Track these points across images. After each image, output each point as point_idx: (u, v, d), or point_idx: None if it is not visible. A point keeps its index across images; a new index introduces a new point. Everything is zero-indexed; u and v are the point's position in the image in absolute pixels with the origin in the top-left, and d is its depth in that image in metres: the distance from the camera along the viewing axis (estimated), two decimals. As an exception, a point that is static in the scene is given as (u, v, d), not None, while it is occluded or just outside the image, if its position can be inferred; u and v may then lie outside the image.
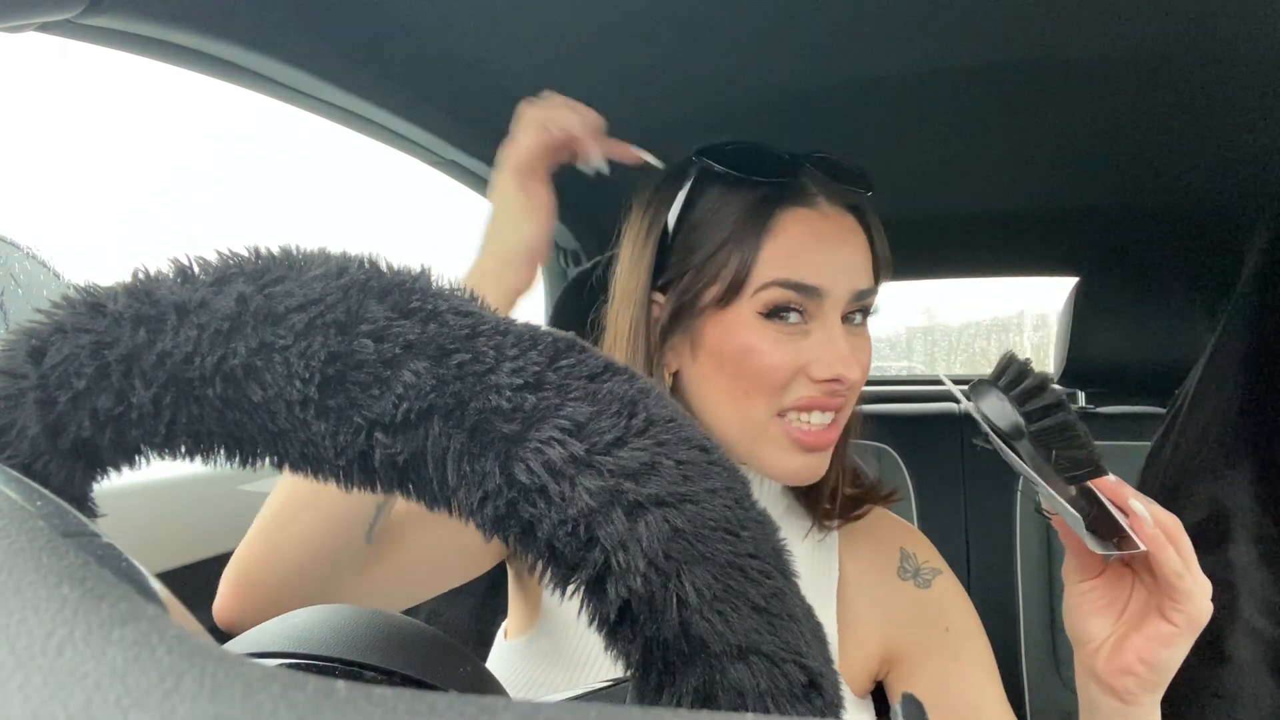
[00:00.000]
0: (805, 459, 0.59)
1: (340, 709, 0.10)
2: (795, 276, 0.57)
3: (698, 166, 0.62)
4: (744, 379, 0.58)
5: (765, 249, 0.58)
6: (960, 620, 0.66)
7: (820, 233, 0.59)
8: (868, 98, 0.86)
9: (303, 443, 0.21)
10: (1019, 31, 0.71)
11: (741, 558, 0.20)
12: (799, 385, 0.58)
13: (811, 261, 0.58)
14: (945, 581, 0.68)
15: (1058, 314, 1.29)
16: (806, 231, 0.59)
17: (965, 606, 0.67)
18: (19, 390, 0.21)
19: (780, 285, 0.57)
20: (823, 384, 0.57)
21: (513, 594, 0.70)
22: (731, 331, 0.58)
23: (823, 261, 0.58)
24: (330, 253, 0.23)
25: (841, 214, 0.61)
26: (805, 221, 0.59)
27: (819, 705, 0.20)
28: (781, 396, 0.58)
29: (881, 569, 0.67)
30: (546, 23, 0.71)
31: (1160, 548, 0.47)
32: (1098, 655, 0.51)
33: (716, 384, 0.60)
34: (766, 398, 0.58)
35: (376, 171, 1.55)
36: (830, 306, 0.58)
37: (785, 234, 0.58)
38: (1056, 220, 1.25)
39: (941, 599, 0.66)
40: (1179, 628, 0.48)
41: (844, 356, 0.57)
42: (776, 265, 0.58)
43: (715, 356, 0.59)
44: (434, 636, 0.28)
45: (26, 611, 0.12)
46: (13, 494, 0.16)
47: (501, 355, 0.21)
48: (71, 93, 2.10)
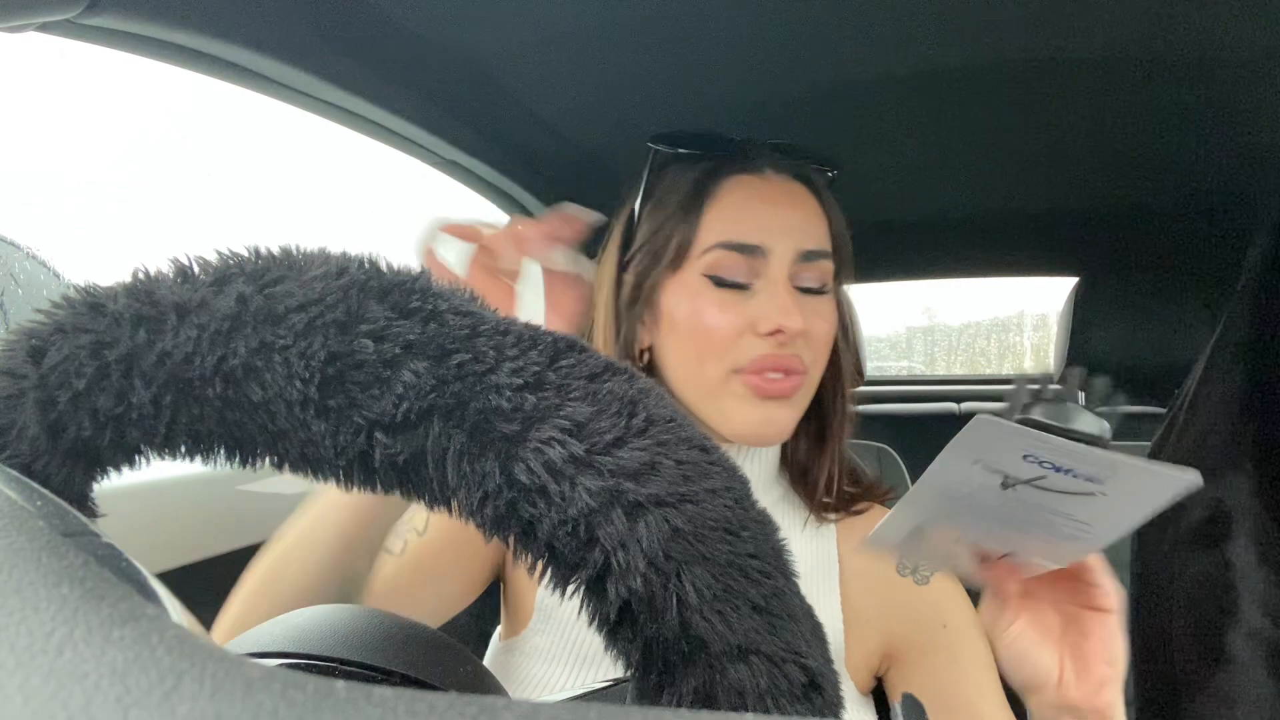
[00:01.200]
0: (765, 410, 0.60)
1: (340, 709, 0.10)
2: (736, 237, 0.60)
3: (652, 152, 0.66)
4: (696, 341, 0.61)
5: (708, 214, 0.61)
6: (958, 618, 0.66)
7: (762, 195, 0.62)
8: (868, 97, 0.86)
9: (303, 443, 0.21)
10: (1019, 31, 0.71)
11: (741, 558, 0.20)
12: (748, 344, 0.60)
13: (752, 222, 0.61)
14: (943, 580, 0.68)
15: (1058, 314, 1.29)
16: (748, 194, 0.62)
17: (964, 605, 0.67)
18: (19, 390, 0.21)
19: (722, 247, 0.60)
20: (769, 338, 0.59)
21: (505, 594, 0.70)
22: (682, 296, 0.61)
23: (764, 221, 0.61)
24: (330, 253, 0.23)
25: (787, 180, 0.64)
26: (747, 186, 0.62)
27: (819, 705, 0.20)
28: (734, 355, 0.60)
29: (881, 565, 0.68)
30: (547, 23, 0.71)
31: None
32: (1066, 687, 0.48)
33: (676, 350, 0.62)
34: (718, 357, 0.60)
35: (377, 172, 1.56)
36: (775, 265, 0.60)
37: (728, 198, 0.62)
38: (1056, 220, 1.25)
39: (940, 596, 0.66)
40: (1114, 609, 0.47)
41: (785, 307, 0.59)
42: (719, 229, 0.61)
43: (671, 323, 0.62)
44: (434, 636, 0.28)
45: (26, 611, 0.12)
46: (13, 494, 0.16)
47: (501, 355, 0.21)
48: (72, 93, 2.11)
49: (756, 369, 0.59)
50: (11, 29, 0.46)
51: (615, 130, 0.95)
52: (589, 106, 0.89)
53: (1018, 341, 3.80)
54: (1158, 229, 1.22)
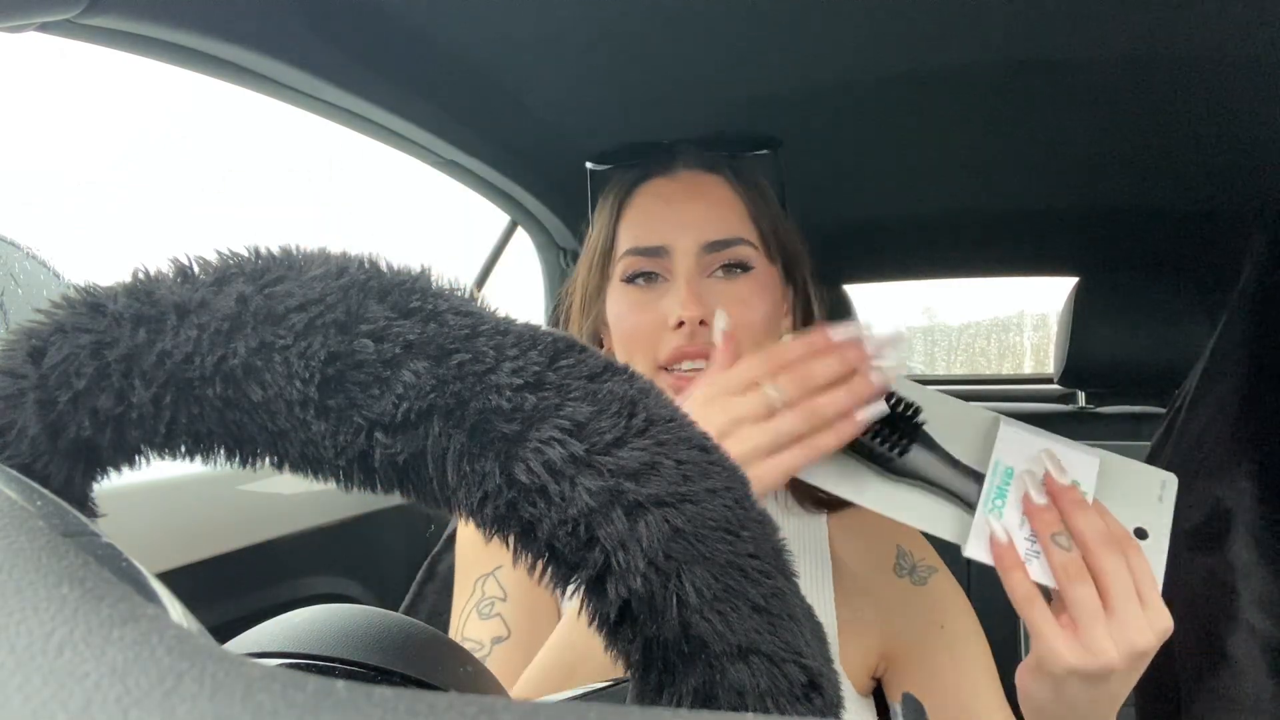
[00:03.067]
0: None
1: (340, 709, 0.10)
2: (640, 241, 0.65)
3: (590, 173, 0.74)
4: (625, 343, 0.65)
5: (622, 223, 0.67)
6: (956, 618, 0.66)
7: (665, 196, 0.66)
8: (868, 97, 0.86)
9: (303, 443, 0.21)
10: (1019, 31, 0.71)
11: (741, 558, 0.20)
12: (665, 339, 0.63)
13: (654, 223, 0.65)
14: (941, 580, 0.68)
15: (1058, 314, 1.29)
16: (653, 198, 0.67)
17: (961, 605, 0.67)
18: (19, 390, 0.21)
19: (630, 253, 0.65)
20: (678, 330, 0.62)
21: None
22: (612, 302, 0.66)
23: (665, 221, 0.65)
24: (330, 253, 0.23)
25: (697, 174, 0.68)
26: (655, 189, 0.67)
27: (819, 705, 0.20)
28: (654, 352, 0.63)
29: (879, 565, 0.68)
30: (547, 22, 0.71)
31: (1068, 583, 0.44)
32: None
33: (619, 354, 0.66)
34: (643, 355, 0.64)
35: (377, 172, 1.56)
36: (679, 260, 0.64)
37: (636, 204, 0.67)
38: (1056, 220, 1.25)
39: (938, 597, 0.66)
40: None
41: (683, 300, 0.61)
42: (628, 236, 0.66)
43: (608, 328, 0.68)
44: (434, 636, 0.28)
45: (26, 611, 0.12)
46: (13, 494, 0.16)
47: (501, 355, 0.21)
48: (72, 93, 2.11)
49: (670, 361, 0.62)
50: (11, 29, 0.46)
51: (616, 130, 0.95)
52: (589, 106, 0.89)
53: (1018, 341, 3.80)
54: (1158, 229, 1.22)
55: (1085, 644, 0.43)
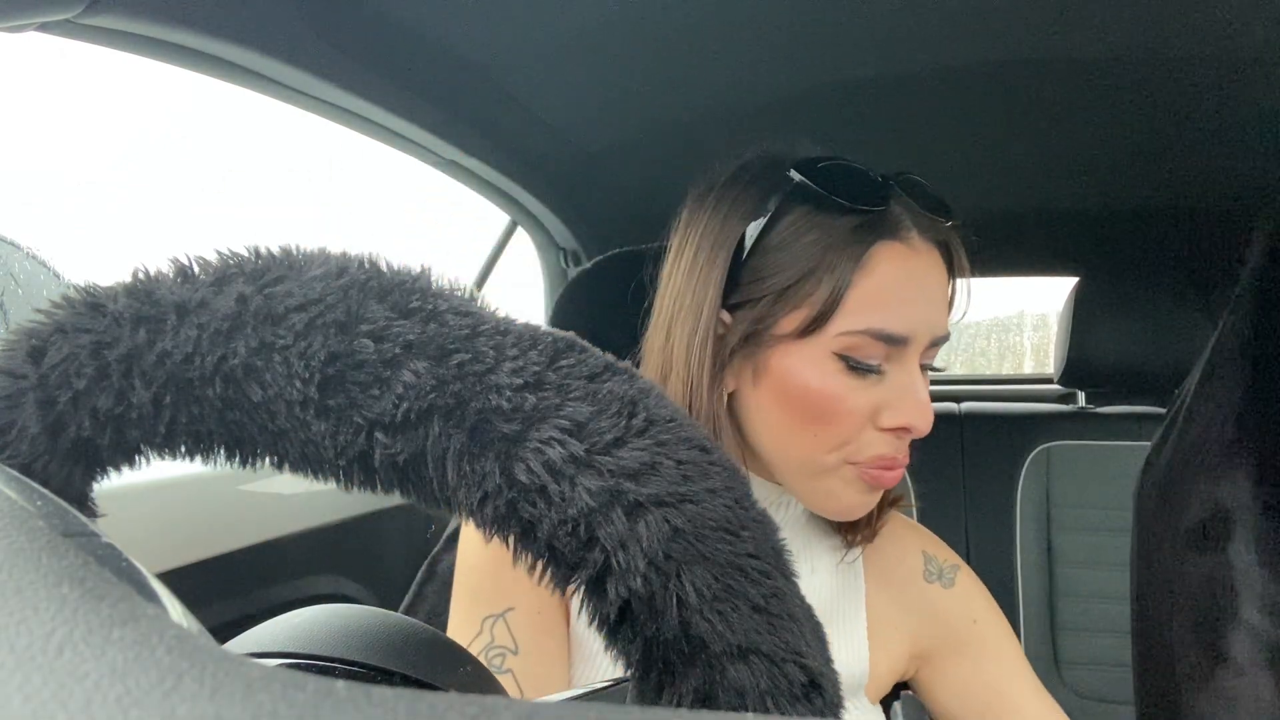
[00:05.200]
0: (868, 497, 0.57)
1: (340, 709, 0.10)
2: (885, 326, 0.53)
3: (788, 180, 0.57)
4: (812, 421, 0.54)
5: (856, 286, 0.54)
6: (984, 610, 0.67)
7: (912, 274, 0.55)
8: (868, 97, 0.86)
9: (303, 443, 0.21)
10: (1019, 31, 0.71)
11: (741, 558, 0.20)
12: (869, 439, 0.55)
13: (903, 309, 0.54)
14: (965, 577, 0.69)
15: (1058, 314, 1.29)
16: (899, 273, 0.54)
17: (986, 596, 0.68)
18: (19, 390, 0.21)
19: (869, 335, 0.53)
20: (891, 432, 0.54)
21: None
22: (802, 367, 0.54)
23: (913, 309, 0.54)
24: (330, 253, 0.23)
25: (931, 249, 0.57)
26: (899, 259, 0.55)
27: (819, 705, 0.20)
28: (851, 448, 0.55)
29: (908, 575, 0.68)
30: (547, 23, 0.71)
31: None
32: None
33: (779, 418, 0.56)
34: (833, 447, 0.55)
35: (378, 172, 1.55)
36: (911, 353, 0.55)
37: (878, 272, 0.54)
38: (1056, 220, 1.25)
39: (966, 594, 0.67)
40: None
41: (921, 405, 0.54)
42: (867, 309, 0.53)
43: (780, 389, 0.55)
44: (434, 636, 0.28)
45: (26, 611, 0.12)
46: (13, 494, 0.16)
47: (501, 355, 0.21)
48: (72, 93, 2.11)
49: (868, 465, 0.55)
50: (11, 29, 0.46)
51: (615, 130, 0.95)
52: (589, 106, 0.89)
53: (1018, 341, 3.80)
54: (1158, 229, 1.22)
55: None
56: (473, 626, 0.58)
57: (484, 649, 0.57)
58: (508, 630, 0.57)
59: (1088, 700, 1.15)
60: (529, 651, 0.57)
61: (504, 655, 0.56)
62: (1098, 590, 1.17)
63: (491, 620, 0.58)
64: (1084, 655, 1.17)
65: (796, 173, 0.56)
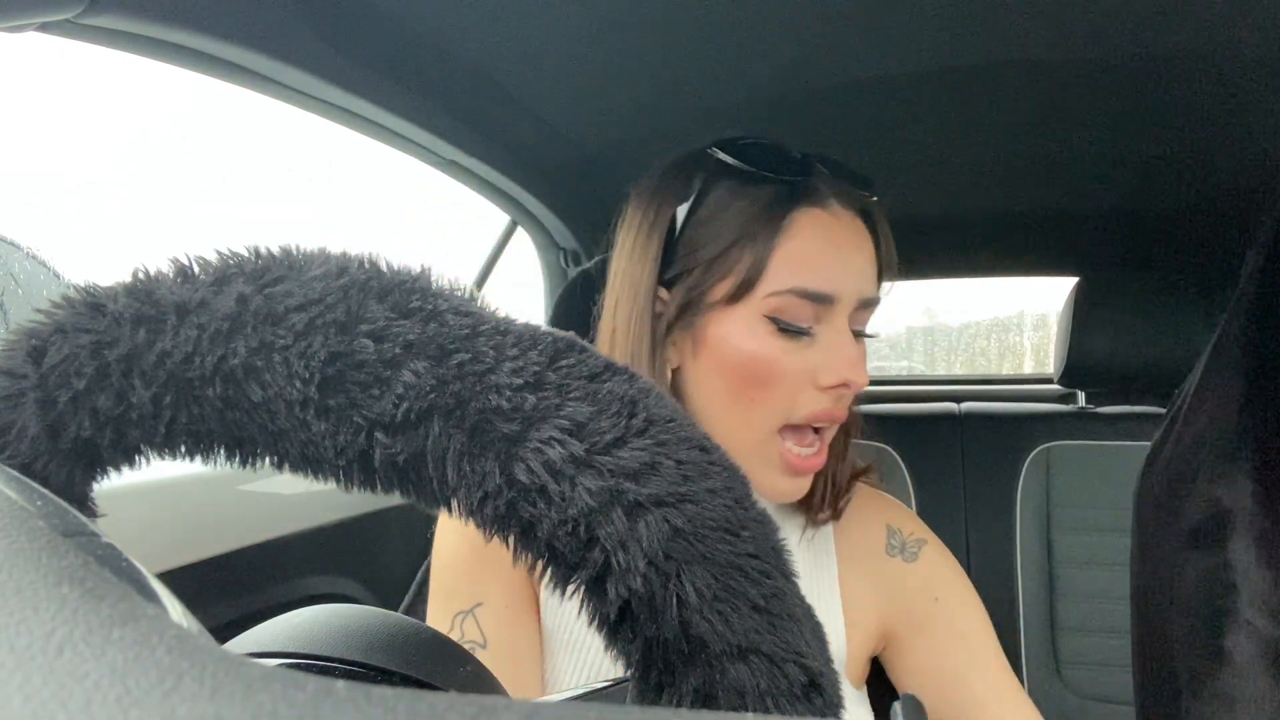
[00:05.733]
0: (793, 482, 0.59)
1: (340, 709, 0.10)
2: (810, 285, 0.56)
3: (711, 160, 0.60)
4: (751, 387, 0.56)
5: (779, 249, 0.56)
6: (949, 588, 0.66)
7: (832, 237, 0.58)
8: (867, 97, 0.86)
9: (303, 443, 0.21)
10: (1019, 32, 0.71)
11: (741, 557, 0.20)
12: (807, 398, 0.56)
13: (824, 268, 0.57)
14: (932, 551, 0.68)
15: (1058, 314, 1.29)
16: (820, 234, 0.57)
17: (954, 573, 0.67)
18: (19, 390, 0.21)
19: (795, 294, 0.56)
20: (830, 391, 0.56)
21: None
22: (737, 332, 0.57)
23: (835, 267, 0.57)
24: (330, 253, 0.23)
25: (852, 217, 0.60)
26: (819, 223, 0.58)
27: (819, 705, 0.20)
28: (789, 408, 0.57)
29: (871, 548, 0.68)
30: (547, 23, 0.71)
31: None
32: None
33: (719, 388, 0.58)
34: (772, 409, 0.56)
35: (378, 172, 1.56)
36: (839, 312, 0.57)
37: (800, 236, 0.57)
38: (1056, 220, 1.25)
39: (929, 570, 0.67)
40: None
41: (852, 360, 0.56)
42: (790, 269, 0.56)
43: (718, 357, 0.57)
44: (434, 636, 0.28)
45: (26, 611, 0.11)
46: (13, 494, 0.16)
47: (501, 355, 0.21)
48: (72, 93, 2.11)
49: (808, 421, 0.57)
50: (11, 29, 0.46)
51: (615, 130, 0.95)
52: (589, 106, 0.89)
53: (1018, 341, 3.80)
54: (1158, 229, 1.22)
55: None
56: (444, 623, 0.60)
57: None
58: (477, 626, 0.59)
59: (1088, 700, 1.15)
60: (497, 645, 0.59)
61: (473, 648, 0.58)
62: (1098, 590, 1.17)
63: (461, 616, 0.59)
64: (1084, 655, 1.17)
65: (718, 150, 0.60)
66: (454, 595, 0.61)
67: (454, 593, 0.61)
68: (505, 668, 0.58)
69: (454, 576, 0.62)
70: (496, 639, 0.59)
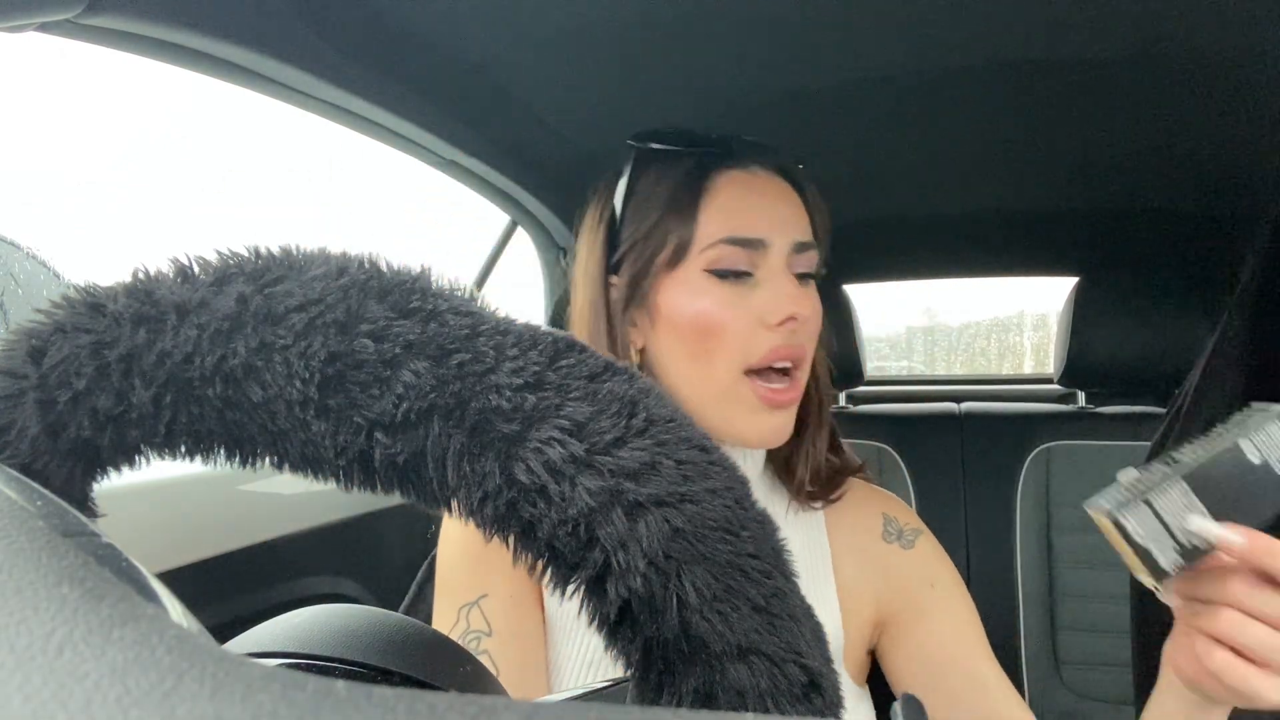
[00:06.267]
0: (774, 418, 0.60)
1: (340, 709, 0.10)
2: (738, 232, 0.60)
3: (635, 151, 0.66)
4: (705, 339, 0.60)
5: (705, 209, 0.61)
6: (943, 575, 0.67)
7: (753, 189, 0.62)
8: (868, 97, 0.86)
9: (303, 443, 0.21)
10: (1019, 31, 0.71)
11: (741, 558, 0.20)
12: (760, 338, 0.59)
13: (750, 216, 0.61)
14: (926, 541, 0.69)
15: (1058, 314, 1.29)
16: (741, 189, 0.62)
17: (946, 563, 0.68)
18: (19, 390, 0.21)
19: (725, 242, 0.60)
20: (779, 328, 0.59)
21: None
22: (683, 294, 0.60)
23: (761, 215, 0.61)
24: (330, 253, 0.23)
25: (770, 174, 0.64)
26: (738, 181, 0.62)
27: (819, 705, 0.20)
28: (745, 351, 0.59)
29: (867, 536, 0.69)
30: (547, 22, 0.71)
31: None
32: None
33: (679, 351, 0.61)
34: (729, 355, 0.59)
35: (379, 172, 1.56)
36: (774, 255, 0.61)
37: (722, 193, 0.62)
38: (1056, 220, 1.25)
39: (925, 558, 0.68)
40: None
41: (794, 295, 0.59)
42: (719, 223, 0.60)
43: (672, 323, 0.61)
44: (434, 636, 0.28)
45: (26, 611, 0.12)
46: (13, 494, 0.16)
47: (501, 355, 0.21)
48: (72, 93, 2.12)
49: (766, 361, 0.59)
50: (11, 29, 0.46)
51: (615, 130, 0.94)
52: (589, 106, 0.89)
53: (1018, 341, 3.80)
54: (1158, 229, 1.22)
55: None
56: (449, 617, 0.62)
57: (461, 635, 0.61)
58: (482, 615, 0.61)
59: (1088, 700, 1.15)
60: (503, 633, 0.61)
61: (479, 638, 0.60)
62: (1098, 590, 1.17)
63: (467, 608, 0.62)
64: (1084, 655, 1.17)
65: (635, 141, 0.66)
66: (459, 590, 0.63)
67: (459, 587, 0.63)
68: (510, 654, 0.60)
69: (459, 573, 0.64)
70: (501, 627, 0.61)
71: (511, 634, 0.61)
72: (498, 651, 0.60)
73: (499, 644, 0.60)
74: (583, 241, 0.68)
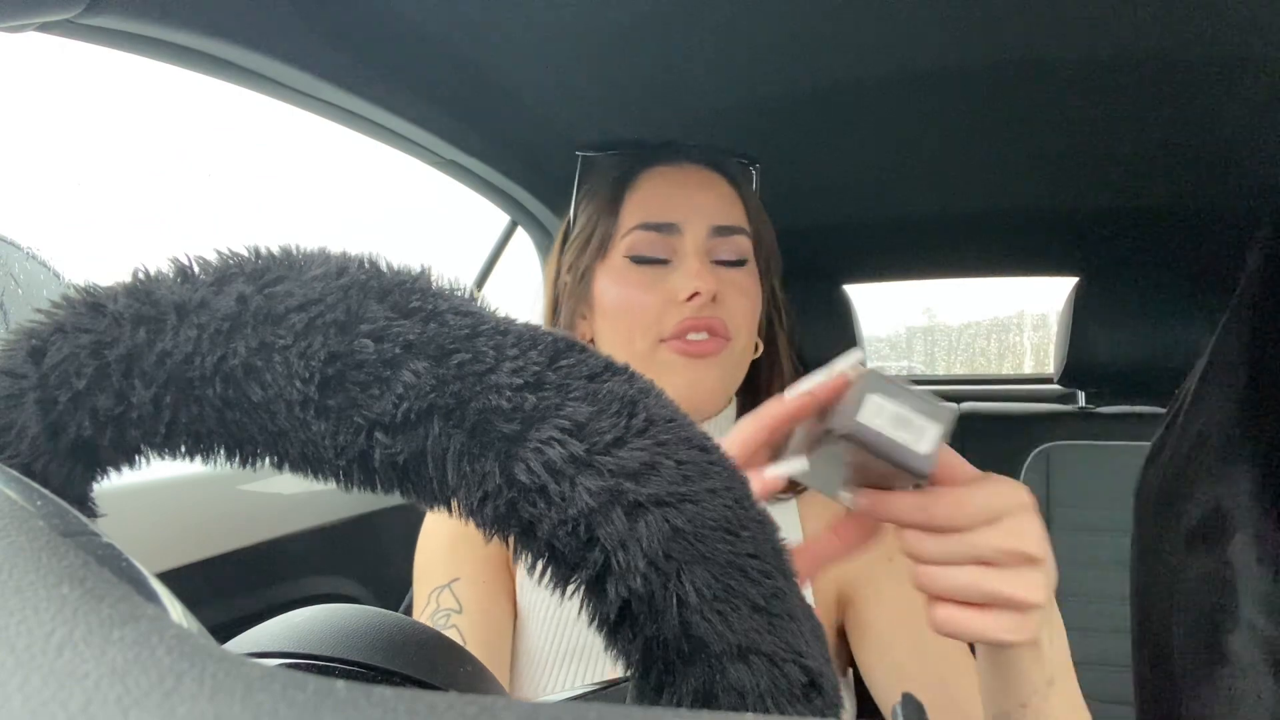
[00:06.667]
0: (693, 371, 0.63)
1: (340, 709, 0.10)
2: (650, 218, 0.65)
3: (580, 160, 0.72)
4: (625, 319, 0.64)
5: (628, 202, 0.66)
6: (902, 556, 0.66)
7: (676, 180, 0.67)
8: (867, 97, 0.86)
9: (303, 443, 0.21)
10: (1019, 31, 0.71)
11: (741, 557, 0.20)
12: (671, 313, 0.63)
13: (666, 203, 0.66)
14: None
15: (1058, 314, 1.29)
16: (663, 181, 0.67)
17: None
18: (19, 390, 0.21)
19: (640, 228, 0.65)
20: (688, 303, 0.62)
21: None
22: (610, 282, 0.66)
23: (677, 201, 0.66)
24: (330, 253, 0.23)
25: (701, 168, 0.69)
26: (663, 174, 0.68)
27: (819, 705, 0.20)
28: (659, 326, 0.63)
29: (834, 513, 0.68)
30: (547, 22, 0.71)
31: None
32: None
33: (609, 333, 0.66)
34: (644, 330, 0.63)
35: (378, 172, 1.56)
36: (689, 239, 0.65)
37: (645, 186, 0.67)
38: (1056, 220, 1.25)
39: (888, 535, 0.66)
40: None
41: (697, 272, 0.63)
42: (637, 213, 0.66)
43: (603, 309, 0.66)
44: (434, 636, 0.28)
45: (26, 611, 0.12)
46: (13, 494, 0.16)
47: (501, 355, 0.21)
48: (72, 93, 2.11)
49: (679, 332, 0.63)
50: (11, 29, 0.46)
51: (615, 130, 0.94)
52: (589, 106, 0.89)
53: (1017, 341, 3.80)
54: (1158, 229, 1.22)
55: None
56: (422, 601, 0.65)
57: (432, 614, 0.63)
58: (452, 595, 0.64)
59: (1088, 700, 1.15)
60: (472, 611, 0.63)
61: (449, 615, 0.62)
62: (1098, 590, 1.17)
63: (437, 591, 0.64)
64: (1084, 655, 1.17)
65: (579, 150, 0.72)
66: (430, 577, 0.66)
67: (430, 575, 0.66)
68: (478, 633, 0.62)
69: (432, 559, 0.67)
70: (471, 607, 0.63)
71: (482, 612, 0.63)
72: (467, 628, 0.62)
73: (468, 620, 0.62)
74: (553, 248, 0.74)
